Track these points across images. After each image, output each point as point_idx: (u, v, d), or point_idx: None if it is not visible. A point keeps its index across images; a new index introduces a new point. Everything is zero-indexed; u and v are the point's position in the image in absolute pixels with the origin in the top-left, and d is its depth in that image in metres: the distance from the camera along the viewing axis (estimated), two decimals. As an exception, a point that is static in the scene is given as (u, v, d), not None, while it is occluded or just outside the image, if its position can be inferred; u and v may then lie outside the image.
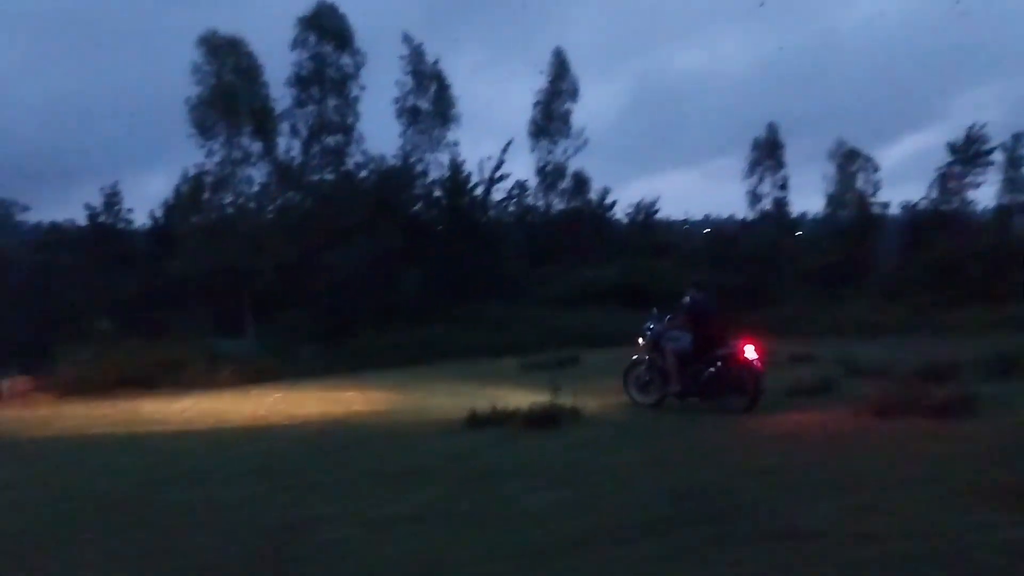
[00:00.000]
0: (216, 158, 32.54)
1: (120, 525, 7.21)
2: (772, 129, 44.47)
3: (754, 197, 44.75)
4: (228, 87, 31.98)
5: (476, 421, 11.54)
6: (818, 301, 32.89)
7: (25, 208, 38.18)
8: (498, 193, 39.73)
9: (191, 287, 32.56)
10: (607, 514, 6.78)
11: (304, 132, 34.25)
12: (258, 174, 33.53)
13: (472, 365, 24.04)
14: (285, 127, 33.98)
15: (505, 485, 8.10)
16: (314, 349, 27.66)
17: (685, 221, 54.16)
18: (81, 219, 39.39)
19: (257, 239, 31.65)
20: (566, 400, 11.54)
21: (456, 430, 11.54)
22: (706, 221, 55.77)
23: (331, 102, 34.29)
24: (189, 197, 33.66)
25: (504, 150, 38.83)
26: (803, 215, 49.38)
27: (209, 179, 32.75)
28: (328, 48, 34.14)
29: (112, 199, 39.05)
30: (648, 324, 12.72)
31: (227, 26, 33.59)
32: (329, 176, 34.96)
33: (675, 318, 12.41)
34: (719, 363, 11.75)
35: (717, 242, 46.65)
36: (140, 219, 39.59)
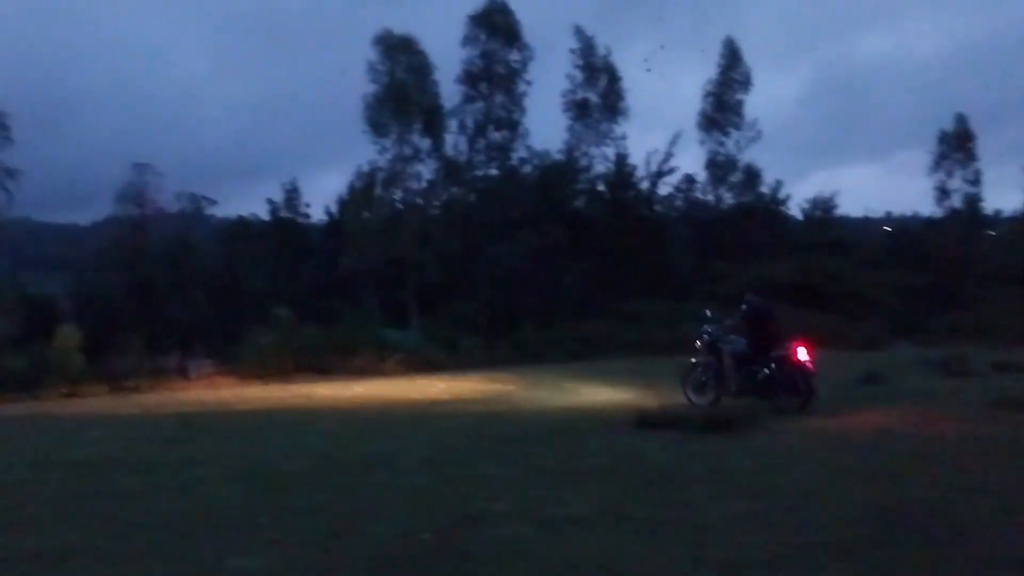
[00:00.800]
0: (388, 155, 33.62)
1: (295, 508, 7.26)
2: (961, 120, 41.14)
3: (941, 193, 41.61)
4: (400, 85, 32.90)
5: (646, 421, 11.07)
6: (1015, 306, 30.05)
7: (214, 203, 40.76)
8: (665, 187, 38.84)
9: (361, 279, 33.70)
10: (797, 530, 6.16)
11: (471, 128, 34.71)
12: (426, 170, 34.38)
13: (635, 363, 23.48)
14: (453, 124, 34.61)
15: (683, 491, 7.59)
16: (476, 341, 27.94)
17: (865, 218, 51.12)
18: (264, 213, 41.72)
19: (423, 233, 32.36)
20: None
21: (625, 430, 11.12)
22: (887, 218, 52.43)
23: (498, 98, 34.59)
24: (361, 193, 34.86)
25: (672, 143, 37.88)
26: (998, 213, 45.37)
27: (381, 175, 33.81)
28: (497, 45, 34.44)
29: (292, 195, 41.11)
30: (704, 328, 13.13)
31: (402, 26, 34.54)
32: (494, 171, 35.29)
33: (732, 322, 12.92)
34: (774, 365, 12.13)
35: (900, 240, 43.67)
36: (317, 214, 41.50)
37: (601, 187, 37.01)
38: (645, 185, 37.60)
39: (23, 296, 32.93)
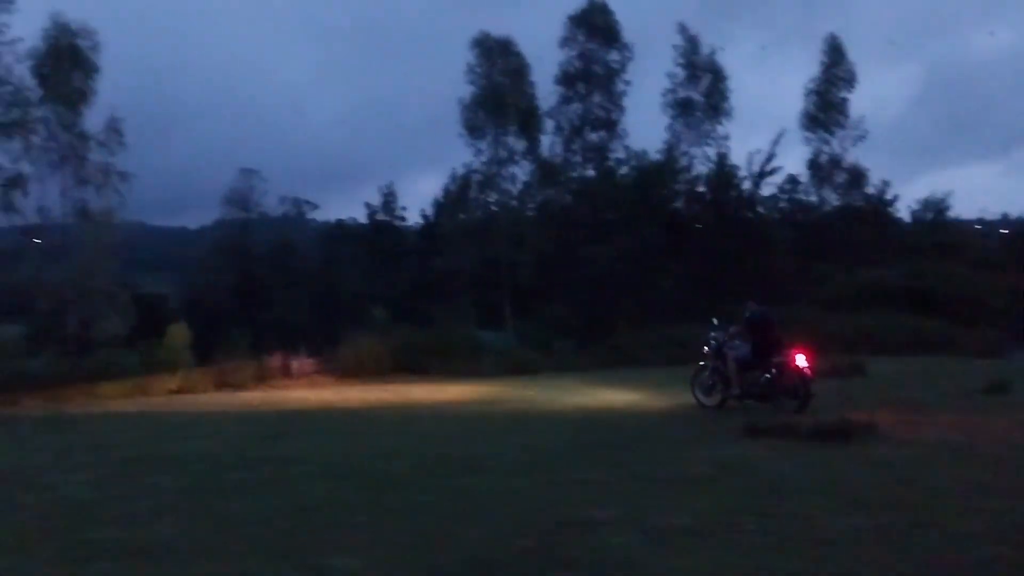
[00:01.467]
0: (483, 157, 33.73)
1: (395, 508, 7.17)
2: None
3: (1067, 193, 39.05)
4: (497, 87, 32.95)
5: (753, 429, 10.60)
6: None
7: (315, 207, 41.76)
8: (767, 188, 37.64)
9: (456, 280, 33.89)
10: (927, 549, 5.69)
11: (567, 129, 34.49)
12: (521, 172, 34.32)
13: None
14: (549, 125, 34.46)
15: (797, 503, 7.16)
16: (571, 344, 27.67)
17: (980, 220, 48.52)
18: (362, 217, 42.52)
19: (518, 235, 32.30)
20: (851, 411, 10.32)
21: (730, 437, 10.69)
22: (1004, 220, 49.61)
23: (596, 98, 34.27)
24: (457, 195, 35.08)
25: (775, 142, 36.69)
26: None
27: (476, 178, 33.94)
28: (596, 45, 34.15)
29: (389, 198, 41.75)
30: (712, 334, 13.85)
31: (499, 28, 34.63)
32: (590, 172, 34.96)
33: (736, 329, 13.62)
34: (774, 370, 12.85)
35: (1018, 243, 41.23)
36: (412, 217, 42.05)
37: (701, 188, 36.18)
38: (747, 186, 36.57)
39: (135, 296, 34.34)
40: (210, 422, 15.58)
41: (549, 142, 34.66)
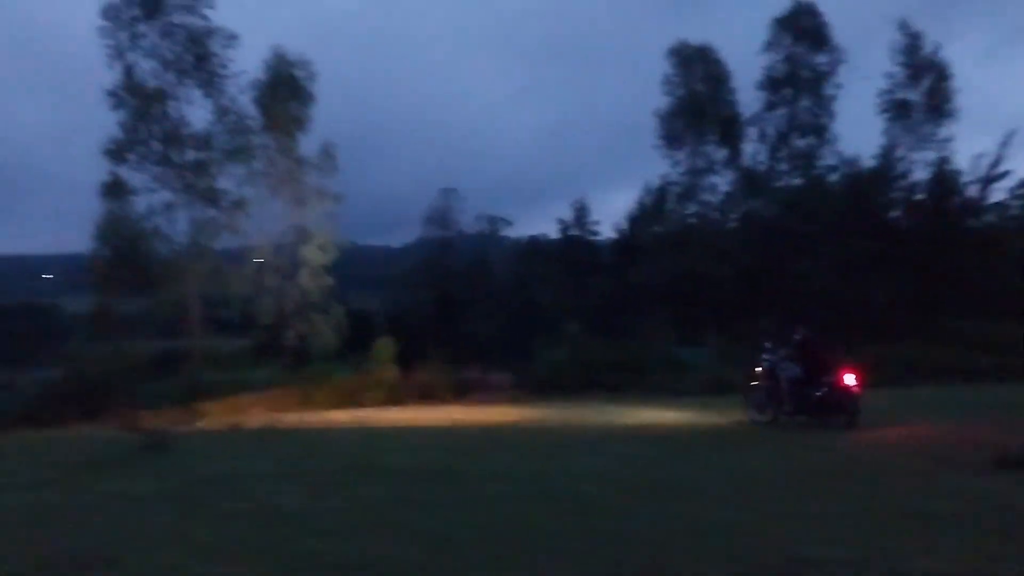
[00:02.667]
0: (681, 168, 32.86)
1: (604, 534, 6.71)
2: None
3: None
4: (696, 96, 32.06)
5: (1007, 460, 9.27)
6: None
7: (508, 223, 42.35)
8: (995, 193, 34.10)
9: (653, 295, 33.09)
10: None
11: (772, 136, 32.91)
12: (722, 182, 33.12)
13: (970, 390, 20.57)
14: (752, 132, 33.04)
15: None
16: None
17: None
18: (554, 232, 42.61)
19: (719, 247, 31.09)
20: None
21: (977, 468, 9.40)
22: None
23: (803, 103, 32.48)
24: (653, 208, 34.35)
25: (1004, 143, 33.18)
26: None
27: (674, 189, 33.10)
28: (802, 48, 32.43)
29: (581, 213, 41.57)
30: (764, 356, 14.64)
31: (697, 35, 33.67)
32: (797, 181, 33.11)
33: (787, 351, 14.36)
34: (825, 388, 13.71)
35: None
36: (606, 231, 41.62)
37: (920, 195, 33.31)
38: (972, 192, 33.28)
39: (347, 312, 36.15)
40: (414, 434, 15.85)
41: (752, 150, 33.24)
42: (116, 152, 28.32)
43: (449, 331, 34.25)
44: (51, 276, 71.89)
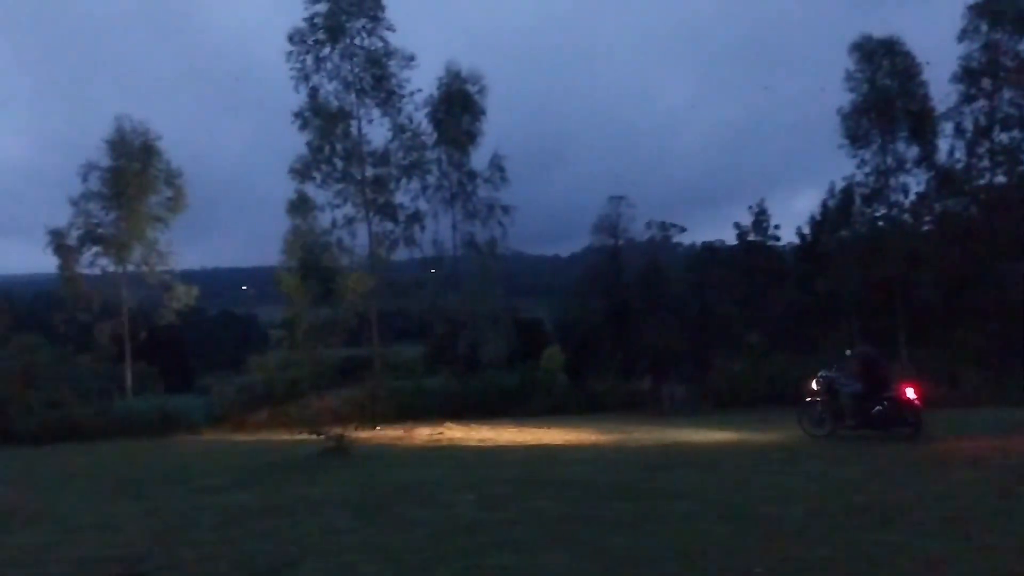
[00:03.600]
0: (867, 168, 30.87)
1: (797, 561, 6.12)
2: None
3: None
4: (882, 91, 30.04)
5: None
6: None
7: (682, 230, 41.25)
8: None
9: (840, 303, 31.19)
10: None
11: (971, 131, 30.25)
12: (914, 182, 30.81)
13: None
14: (947, 128, 30.53)
15: None
16: (984, 375, 23.87)
17: None
18: (731, 238, 41.04)
19: (914, 252, 28.88)
20: None
21: None
22: None
23: (1006, 94, 29.65)
24: (838, 211, 32.42)
25: None
26: None
27: (860, 190, 31.12)
28: (1003, 34, 29.65)
29: (760, 217, 39.80)
30: (821, 372, 15.21)
31: (881, 28, 31.51)
32: (1001, 178, 30.25)
33: (847, 368, 14.84)
34: (886, 402, 14.26)
35: None
36: (787, 236, 39.67)
37: None
38: None
39: (515, 321, 36.42)
40: (587, 446, 15.53)
41: (948, 147, 30.67)
42: (302, 170, 29.88)
43: (620, 341, 33.76)
44: (248, 288, 77.21)
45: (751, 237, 39.28)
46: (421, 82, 30.90)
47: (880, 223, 31.02)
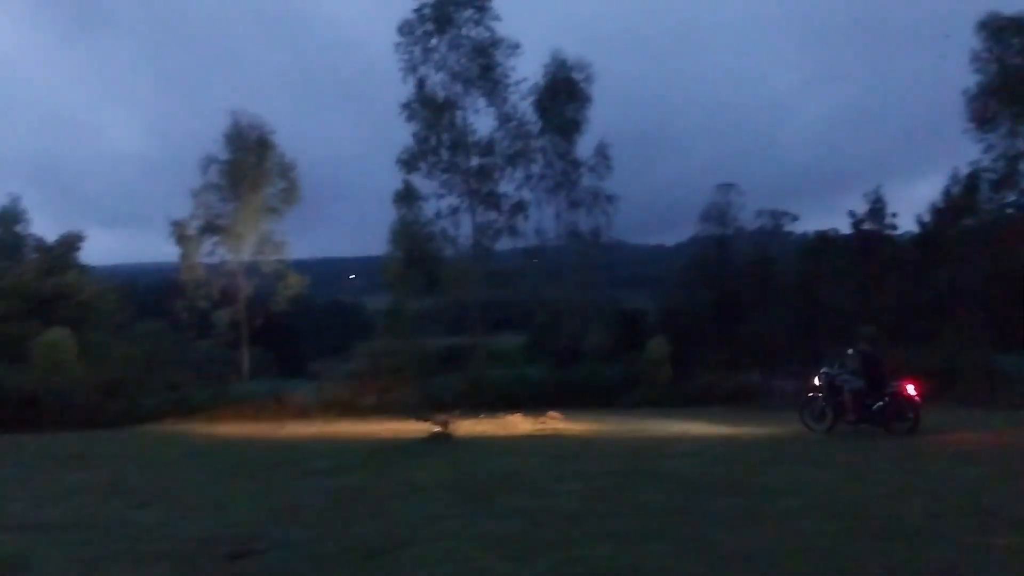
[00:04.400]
0: (994, 152, 29.15)
1: (916, 566, 5.79)
2: None
3: None
4: (1012, 71, 28.28)
5: None
6: None
7: (794, 218, 39.85)
8: None
9: (964, 295, 29.59)
10: None
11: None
12: (1048, 167, 28.92)
13: None
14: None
15: None
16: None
17: None
18: (845, 227, 39.41)
19: (1046, 241, 27.16)
20: None
21: None
22: None
23: None
24: (962, 198, 30.74)
25: None
26: None
27: (987, 176, 29.43)
28: None
29: (876, 205, 38.07)
30: (823, 369, 15.72)
31: (1012, 5, 29.56)
32: None
33: (849, 365, 15.37)
34: (887, 398, 14.79)
35: None
36: (905, 224, 37.82)
37: None
38: None
39: (618, 311, 36.07)
40: (692, 440, 15.25)
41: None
42: (409, 161, 30.38)
43: (727, 332, 32.94)
44: (355, 277, 79.22)
45: (866, 226, 37.67)
46: (526, 71, 30.98)
47: (1009, 210, 29.27)
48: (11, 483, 11.19)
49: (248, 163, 31.63)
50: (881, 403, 14.82)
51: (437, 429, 15.14)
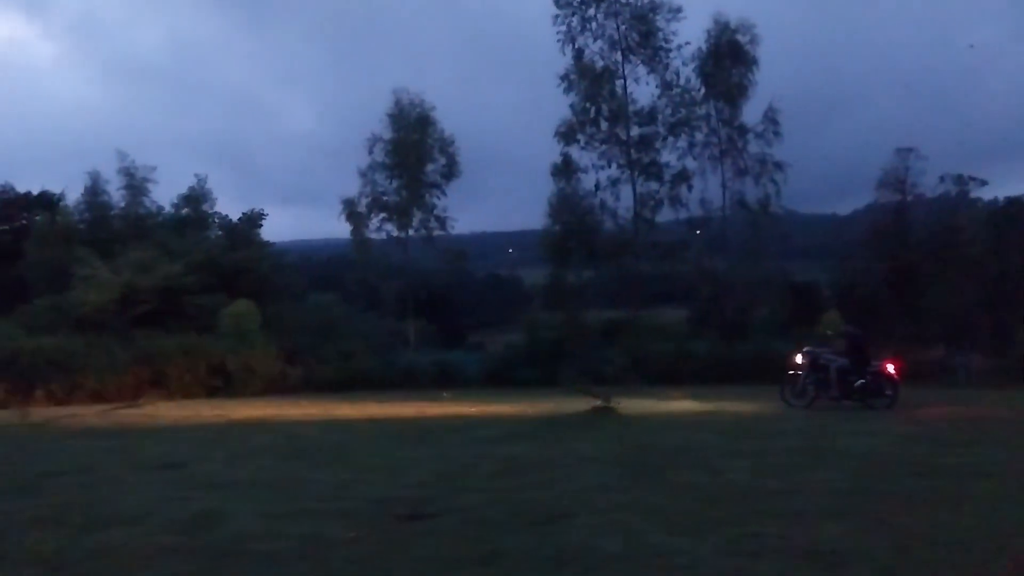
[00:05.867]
0: None
1: None
2: None
3: None
4: None
5: None
6: None
7: (983, 183, 36.76)
8: None
9: None
10: None
11: None
12: None
13: None
14: None
15: None
16: None
17: None
18: (1038, 192, 35.99)
19: None
20: None
21: None
22: None
23: None
24: None
25: None
26: None
27: None
28: None
29: (1080, 167, 34.61)
30: (806, 348, 16.93)
31: None
32: None
33: (834, 345, 16.86)
34: (869, 376, 16.03)
35: None
36: (1115, 188, 34.19)
37: None
38: None
39: (788, 284, 34.63)
40: (871, 417, 14.46)
41: None
42: (567, 133, 30.21)
43: (908, 306, 30.92)
44: (512, 251, 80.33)
45: (1068, 190, 34.28)
46: (688, 35, 30.05)
47: None
48: (206, 444, 12.02)
49: (410, 141, 32.42)
50: (863, 380, 15.86)
51: (602, 402, 15.10)
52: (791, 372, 16.86)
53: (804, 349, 16.91)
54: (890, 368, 16.04)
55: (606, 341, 29.30)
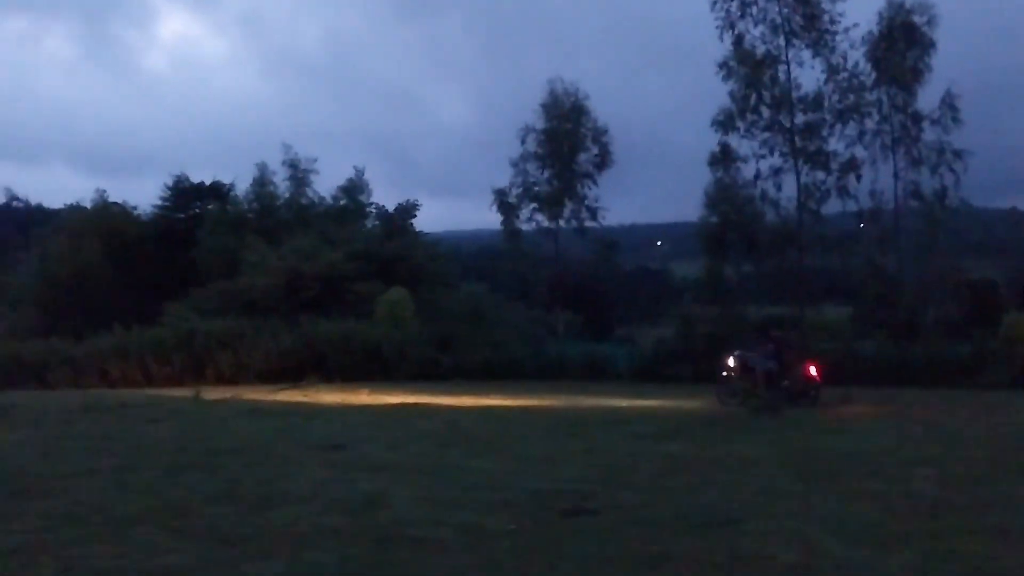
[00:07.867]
0: None
1: None
2: None
3: None
4: None
5: None
6: None
7: None
8: None
9: None
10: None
11: None
12: None
13: None
14: None
15: None
16: None
17: None
18: None
19: None
20: None
21: None
22: None
23: None
24: None
25: None
26: None
27: None
28: None
29: None
30: (736, 352, 17.77)
31: None
32: None
33: (763, 348, 17.41)
34: (793, 379, 17.07)
35: None
36: None
37: None
38: None
39: (966, 282, 32.23)
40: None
41: None
42: (725, 122, 29.14)
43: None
44: (660, 243, 79.06)
45: None
46: (857, 16, 28.29)
47: None
48: (367, 427, 12.33)
49: (563, 130, 32.19)
50: (787, 382, 16.90)
51: (763, 402, 14.63)
52: (724, 374, 17.76)
53: (735, 353, 17.89)
54: (812, 370, 17.35)
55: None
